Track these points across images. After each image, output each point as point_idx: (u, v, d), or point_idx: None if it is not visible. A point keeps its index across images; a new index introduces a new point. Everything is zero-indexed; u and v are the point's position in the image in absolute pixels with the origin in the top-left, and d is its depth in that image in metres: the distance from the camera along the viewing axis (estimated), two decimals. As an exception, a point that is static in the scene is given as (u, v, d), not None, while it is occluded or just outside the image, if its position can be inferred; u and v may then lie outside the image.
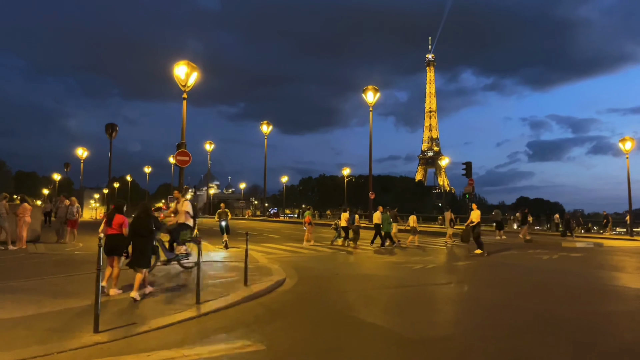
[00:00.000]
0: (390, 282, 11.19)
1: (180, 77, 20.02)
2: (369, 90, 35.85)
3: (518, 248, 20.67)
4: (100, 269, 6.20)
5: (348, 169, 61.81)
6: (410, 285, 10.90)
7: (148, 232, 8.36)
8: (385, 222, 20.40)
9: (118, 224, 8.52)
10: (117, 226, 8.50)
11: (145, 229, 8.33)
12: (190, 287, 9.13)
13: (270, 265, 13.18)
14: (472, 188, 27.46)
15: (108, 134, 34.73)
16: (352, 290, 10.01)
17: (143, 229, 8.33)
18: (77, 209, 19.31)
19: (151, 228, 8.41)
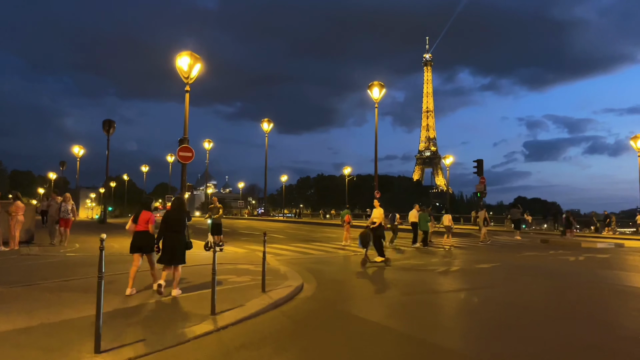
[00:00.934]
0: (422, 287, 10.21)
1: (182, 69, 19.03)
2: (375, 86, 34.68)
3: (538, 249, 19.75)
4: (102, 276, 5.19)
5: (349, 168, 60.83)
6: (443, 290, 9.91)
7: (182, 227, 8.18)
8: (423, 220, 19.83)
9: (145, 220, 8.27)
10: (144, 223, 8.27)
11: (179, 224, 8.16)
12: (200, 293, 8.15)
13: (283, 267, 12.18)
14: (484, 186, 26.54)
15: (105, 131, 33.76)
16: (381, 297, 9.03)
17: (177, 224, 8.15)
18: (71, 207, 17.22)
19: (185, 223, 8.26)
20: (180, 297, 7.97)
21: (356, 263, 14.35)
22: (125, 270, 9.30)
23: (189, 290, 8.53)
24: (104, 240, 5.26)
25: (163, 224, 8.17)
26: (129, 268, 8.39)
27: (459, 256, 16.41)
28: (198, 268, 11.22)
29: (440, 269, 12.82)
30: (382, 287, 10.42)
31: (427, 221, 19.97)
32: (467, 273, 12.33)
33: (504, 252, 18.10)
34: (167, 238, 8.09)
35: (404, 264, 14.07)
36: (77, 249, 15.46)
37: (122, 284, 8.57)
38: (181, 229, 8.21)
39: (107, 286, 6.31)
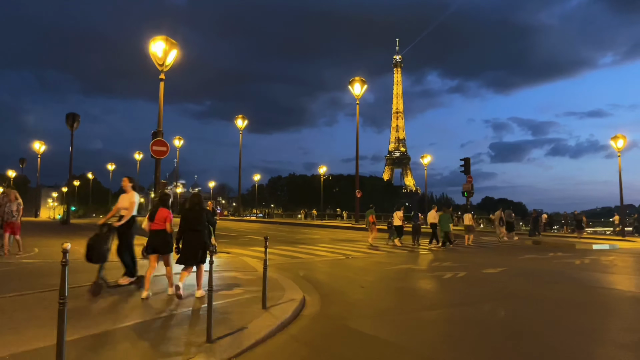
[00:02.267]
0: (442, 298, 8.93)
1: (157, 55, 17.44)
2: (356, 81, 33.67)
3: (535, 251, 18.80)
4: (65, 301, 3.70)
5: (324, 167, 59.43)
6: (467, 302, 8.65)
7: (203, 226, 7.65)
8: (444, 221, 19.60)
9: (162, 218, 7.79)
10: (161, 221, 7.78)
11: (199, 223, 7.62)
12: (190, 311, 6.67)
13: (274, 275, 10.74)
14: (472, 185, 25.61)
15: (69, 125, 31.54)
16: (402, 312, 7.70)
17: (197, 222, 7.61)
18: (17, 207, 13.40)
19: (204, 221, 7.71)
20: (166, 317, 6.45)
21: (350, 267, 13.02)
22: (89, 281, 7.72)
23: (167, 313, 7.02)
24: (67, 252, 3.76)
25: (182, 222, 7.61)
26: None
27: (469, 258, 15.30)
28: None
29: (448, 274, 11.60)
30: (395, 298, 9.11)
31: (448, 221, 19.66)
32: (487, 280, 11.15)
33: (504, 255, 17.10)
34: (186, 237, 7.57)
35: (410, 267, 12.82)
36: (35, 255, 13.60)
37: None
38: (202, 227, 7.63)
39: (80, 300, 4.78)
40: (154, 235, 7.77)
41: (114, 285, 8.12)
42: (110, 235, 7.97)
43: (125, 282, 8.37)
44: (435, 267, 13.28)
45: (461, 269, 12.85)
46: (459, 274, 11.85)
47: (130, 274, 8.45)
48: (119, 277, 8.43)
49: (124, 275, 8.44)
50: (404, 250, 18.40)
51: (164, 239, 7.78)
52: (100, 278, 7.73)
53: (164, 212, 7.86)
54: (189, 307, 7.02)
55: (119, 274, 8.49)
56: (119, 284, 8.26)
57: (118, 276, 8.46)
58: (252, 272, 11.10)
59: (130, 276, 8.45)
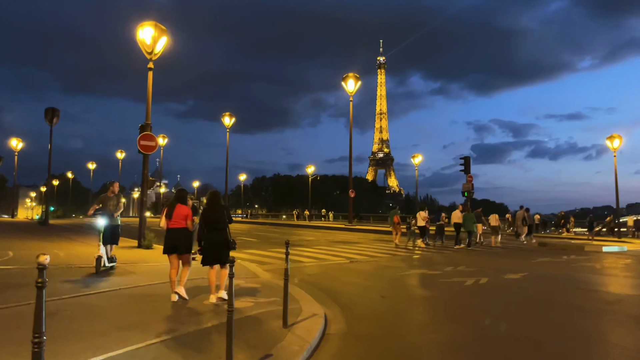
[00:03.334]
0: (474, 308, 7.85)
1: (145, 42, 16.15)
2: (350, 78, 32.58)
3: (546, 254, 17.91)
4: (41, 340, 2.52)
5: (312, 167, 58.29)
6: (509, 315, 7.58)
7: (224, 224, 7.22)
8: (468, 221, 19.17)
9: (182, 215, 7.39)
10: (181, 218, 7.38)
11: (221, 221, 7.19)
12: (198, 331, 5.48)
13: (279, 282, 9.59)
14: (472, 185, 24.69)
15: (48, 120, 29.94)
16: (439, 329, 6.60)
17: (218, 220, 7.17)
18: None
19: (226, 219, 7.25)
20: (186, 335, 5.25)
21: (359, 272, 11.90)
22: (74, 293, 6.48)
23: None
24: (44, 270, 2.56)
25: (202, 221, 7.23)
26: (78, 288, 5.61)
27: (484, 262, 14.32)
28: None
29: (469, 281, 10.55)
30: (424, 309, 8.00)
31: (473, 222, 19.27)
32: (513, 287, 10.13)
33: (518, 258, 16.18)
34: (207, 237, 7.16)
35: (424, 272, 11.75)
36: (9, 259, 12.15)
37: (77, 309, 5.76)
38: (223, 226, 7.21)
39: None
40: (173, 234, 7.32)
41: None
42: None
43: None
44: (452, 272, 12.24)
45: (480, 274, 11.83)
46: (481, 280, 10.82)
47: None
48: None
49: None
50: (420, 252, 17.51)
51: (185, 237, 7.38)
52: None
53: (184, 209, 7.42)
54: (197, 327, 5.82)
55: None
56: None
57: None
58: (255, 279, 9.94)
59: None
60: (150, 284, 8.78)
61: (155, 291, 7.99)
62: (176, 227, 7.36)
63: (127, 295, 7.74)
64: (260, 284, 9.27)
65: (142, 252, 14.55)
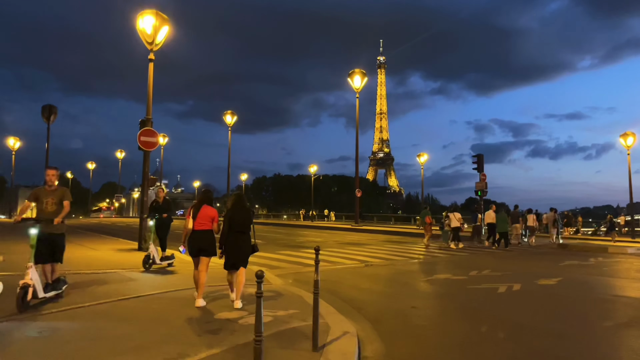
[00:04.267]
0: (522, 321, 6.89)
1: (145, 32, 15.21)
2: (356, 74, 31.61)
3: (572, 256, 16.98)
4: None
5: (315, 166, 57.32)
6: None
7: (248, 228, 7.03)
8: (501, 221, 18.81)
9: (209, 217, 7.13)
10: (207, 220, 7.12)
11: (245, 224, 6.99)
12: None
13: (298, 290, 8.67)
14: (486, 184, 23.70)
15: (45, 118, 28.98)
16: (497, 349, 5.64)
17: (243, 223, 6.96)
18: None
19: (251, 222, 7.06)
20: None
21: (377, 278, 10.93)
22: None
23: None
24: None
25: (227, 223, 6.91)
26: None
27: (512, 265, 13.36)
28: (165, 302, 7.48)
29: (502, 287, 9.60)
30: (464, 322, 7.05)
31: (505, 222, 18.80)
32: (553, 296, 9.18)
33: (545, 261, 15.27)
34: (232, 240, 6.89)
35: (449, 278, 10.78)
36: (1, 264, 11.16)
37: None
38: (247, 229, 7.01)
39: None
40: (199, 236, 7.01)
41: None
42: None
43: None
44: (478, 277, 11.29)
45: (512, 278, 10.89)
46: (514, 286, 9.87)
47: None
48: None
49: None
50: (441, 253, 16.62)
51: (211, 240, 7.09)
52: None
53: (211, 211, 7.14)
54: (209, 351, 4.87)
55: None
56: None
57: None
58: (267, 286, 8.97)
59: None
60: (154, 293, 7.83)
61: (163, 304, 7.04)
62: (202, 229, 7.06)
63: (128, 308, 6.79)
64: (274, 292, 8.33)
65: (143, 256, 13.55)
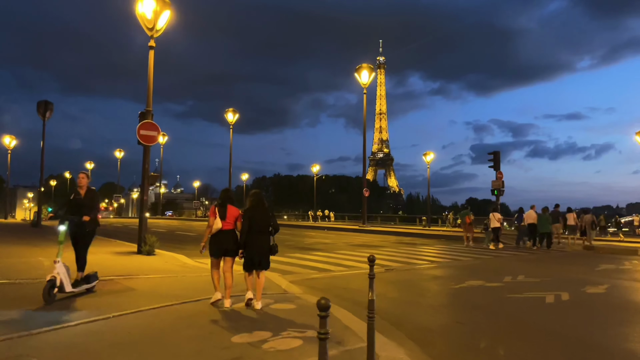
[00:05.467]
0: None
1: (145, 17, 14.10)
2: (364, 69, 30.52)
3: (605, 260, 15.90)
4: None
5: (317, 166, 56.20)
6: None
7: (268, 228, 6.85)
8: (544, 222, 18.46)
9: (234, 217, 7.00)
10: (233, 220, 6.97)
11: (266, 224, 6.83)
12: None
13: (311, 298, 7.54)
14: (502, 182, 22.63)
15: (40, 114, 27.91)
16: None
17: (264, 223, 6.83)
18: None
19: (271, 221, 6.88)
20: None
21: (404, 285, 9.82)
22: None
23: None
24: None
25: (247, 223, 6.81)
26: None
27: (551, 270, 12.22)
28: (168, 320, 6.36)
29: (549, 297, 8.51)
30: (530, 347, 5.96)
31: (548, 222, 18.40)
32: (610, 308, 8.08)
33: (579, 265, 14.19)
34: (252, 240, 6.81)
35: (483, 285, 9.68)
36: None
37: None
38: (268, 229, 6.92)
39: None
40: (224, 236, 6.90)
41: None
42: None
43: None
44: (515, 284, 10.21)
45: (553, 286, 9.81)
46: (562, 295, 8.78)
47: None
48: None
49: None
50: (463, 256, 15.67)
51: (235, 240, 6.98)
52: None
53: (235, 210, 7.05)
54: None
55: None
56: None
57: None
58: (284, 296, 7.92)
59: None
60: (160, 306, 6.71)
61: (168, 320, 5.92)
62: (228, 229, 6.94)
63: (125, 330, 5.68)
64: (295, 304, 7.23)
65: (143, 260, 12.47)
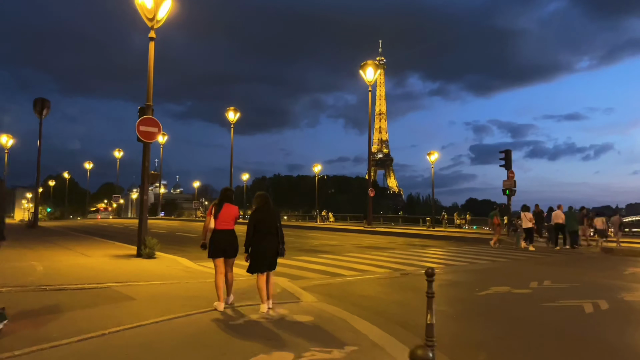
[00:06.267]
0: None
1: (145, 6, 13.42)
2: (369, 65, 29.73)
3: (632, 264, 15.16)
4: None
5: (319, 166, 55.41)
6: None
7: (276, 229, 6.59)
8: (570, 219, 18.38)
9: (232, 216, 6.88)
10: (230, 219, 6.85)
11: (274, 225, 6.59)
12: None
13: (338, 312, 6.81)
14: (514, 182, 21.90)
15: (37, 112, 27.14)
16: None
17: (272, 224, 6.57)
18: None
19: (279, 223, 6.66)
20: None
21: (423, 292, 9.06)
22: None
23: None
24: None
25: (254, 224, 6.53)
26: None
27: (581, 275, 11.46)
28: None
29: (587, 306, 7.77)
30: None
31: (575, 220, 18.31)
32: None
33: (607, 270, 13.27)
34: (259, 241, 6.49)
35: (510, 291, 8.93)
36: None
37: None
38: (276, 230, 6.60)
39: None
40: (221, 236, 6.76)
41: None
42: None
43: None
44: (546, 290, 9.47)
45: (586, 293, 9.08)
46: (600, 304, 8.03)
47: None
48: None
49: None
50: (480, 259, 14.90)
51: (234, 240, 6.88)
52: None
53: (234, 210, 6.89)
54: None
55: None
56: None
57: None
58: (298, 305, 7.20)
59: None
60: (162, 320, 5.96)
61: (176, 339, 5.17)
62: (225, 229, 6.80)
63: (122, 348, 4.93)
64: (313, 316, 6.50)
65: (143, 264, 11.68)
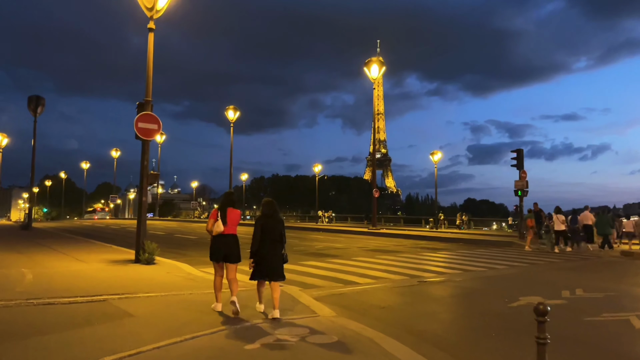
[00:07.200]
0: None
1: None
2: (373, 62, 28.96)
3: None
4: None
5: (319, 166, 54.52)
6: None
7: (282, 236, 6.55)
8: (603, 223, 17.97)
9: (235, 221, 6.70)
10: (234, 224, 6.67)
11: (280, 232, 6.50)
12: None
13: (363, 330, 6.03)
14: (526, 182, 21.15)
15: (31, 110, 26.28)
16: None
17: (278, 232, 6.48)
18: None
19: (284, 231, 6.58)
20: None
21: (451, 302, 8.26)
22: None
23: None
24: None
25: (259, 232, 6.39)
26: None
27: (608, 282, 10.66)
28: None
29: (633, 320, 7.00)
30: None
31: (608, 225, 17.85)
32: None
33: (630, 276, 12.60)
34: (265, 249, 6.38)
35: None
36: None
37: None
38: (282, 238, 6.51)
39: None
40: (225, 240, 6.63)
41: None
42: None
43: None
44: (582, 300, 8.69)
45: (628, 303, 8.37)
46: (633, 320, 7.23)
47: None
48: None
49: None
50: (498, 264, 14.11)
51: (237, 245, 6.72)
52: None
53: (237, 214, 6.78)
54: None
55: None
56: None
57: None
58: (315, 319, 6.48)
59: None
60: (166, 344, 5.14)
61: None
62: (229, 233, 6.65)
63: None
64: (335, 333, 5.73)
65: (142, 271, 10.80)
